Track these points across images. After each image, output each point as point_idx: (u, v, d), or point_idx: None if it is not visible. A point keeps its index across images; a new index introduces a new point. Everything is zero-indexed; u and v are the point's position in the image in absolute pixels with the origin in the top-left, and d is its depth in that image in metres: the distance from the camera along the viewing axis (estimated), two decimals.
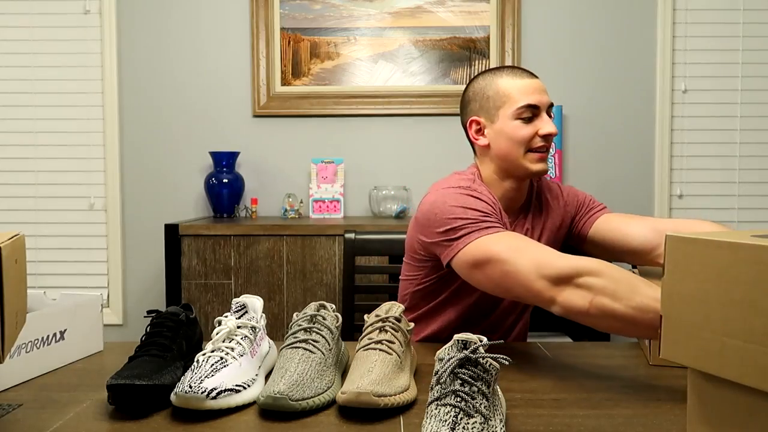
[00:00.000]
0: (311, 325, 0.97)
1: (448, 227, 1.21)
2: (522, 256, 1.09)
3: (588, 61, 2.69)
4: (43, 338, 1.07)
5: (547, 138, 1.30)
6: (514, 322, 1.43)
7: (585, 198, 1.47)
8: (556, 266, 1.05)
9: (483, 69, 2.67)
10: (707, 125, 2.69)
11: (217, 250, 2.25)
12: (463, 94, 1.40)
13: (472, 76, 1.39)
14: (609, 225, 1.40)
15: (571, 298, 1.03)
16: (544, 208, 1.42)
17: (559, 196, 1.45)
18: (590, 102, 2.70)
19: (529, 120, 1.29)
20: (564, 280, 1.04)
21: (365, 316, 1.03)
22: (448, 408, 0.73)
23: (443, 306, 1.38)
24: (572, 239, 1.47)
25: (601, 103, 2.70)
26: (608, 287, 1.00)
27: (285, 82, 2.69)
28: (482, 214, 1.20)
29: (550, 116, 1.32)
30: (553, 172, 2.59)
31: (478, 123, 1.35)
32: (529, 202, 1.41)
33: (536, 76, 1.34)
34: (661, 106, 2.67)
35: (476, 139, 1.36)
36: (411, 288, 1.39)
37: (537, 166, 1.30)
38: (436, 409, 0.74)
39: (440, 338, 1.37)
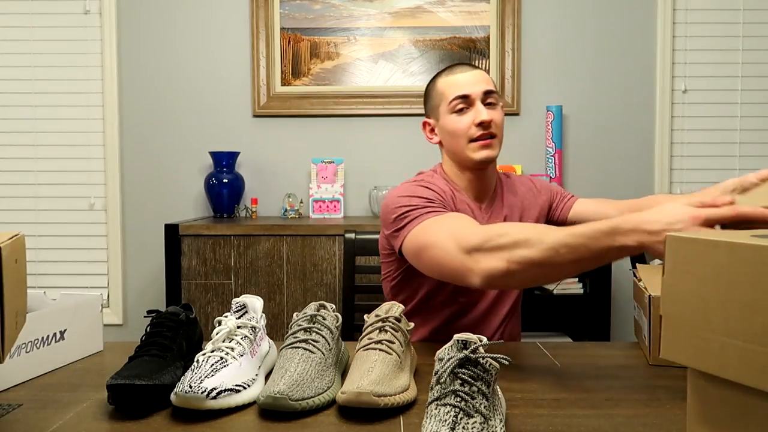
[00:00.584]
0: (311, 325, 0.97)
1: (396, 216, 1.27)
2: (444, 235, 1.13)
3: (588, 61, 2.69)
4: (43, 338, 1.07)
5: (483, 125, 1.32)
6: (499, 325, 1.43)
7: (558, 188, 1.54)
8: (469, 238, 1.07)
9: (484, 69, 2.67)
10: (707, 125, 2.69)
11: (217, 250, 2.25)
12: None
13: None
14: (585, 209, 1.47)
15: (489, 263, 1.04)
16: (519, 196, 1.46)
17: (533, 188, 1.50)
18: (590, 102, 2.70)
19: (463, 111, 1.34)
20: (477, 248, 1.06)
21: (365, 316, 1.03)
22: (448, 408, 0.73)
23: (420, 308, 1.39)
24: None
25: (601, 103, 2.70)
26: (519, 239, 1.01)
27: (285, 82, 2.70)
28: (425, 200, 1.26)
29: (491, 104, 1.35)
30: (553, 172, 2.59)
31: (429, 124, 1.44)
32: (501, 189, 1.45)
33: (476, 68, 1.38)
34: (661, 106, 2.67)
35: (430, 138, 1.44)
36: (389, 285, 1.43)
37: (480, 154, 1.33)
38: (436, 409, 0.74)
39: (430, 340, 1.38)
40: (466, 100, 1.34)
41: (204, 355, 0.92)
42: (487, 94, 1.35)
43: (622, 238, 0.92)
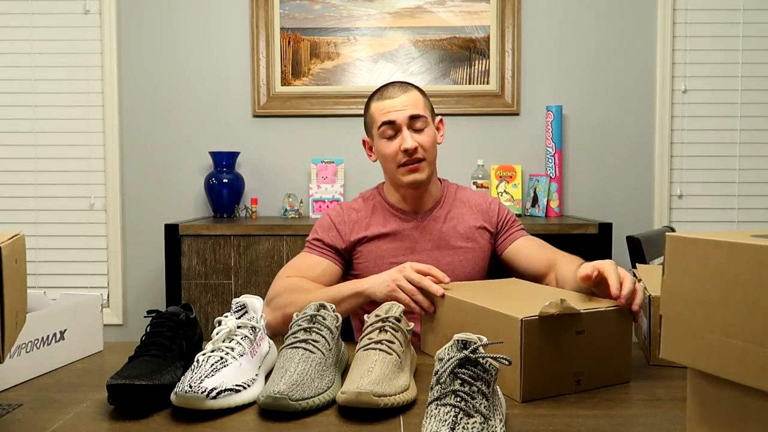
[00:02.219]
0: (311, 325, 0.97)
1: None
2: (277, 278, 1.42)
3: (588, 61, 2.69)
4: (43, 338, 1.07)
5: (408, 152, 1.39)
6: None
7: (507, 216, 1.54)
8: (275, 286, 1.37)
9: (484, 69, 2.67)
10: (707, 125, 2.69)
11: (217, 250, 2.25)
12: None
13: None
14: (518, 251, 1.49)
15: (270, 316, 1.32)
16: (466, 207, 1.52)
17: (482, 203, 1.54)
18: (590, 102, 2.70)
19: (392, 137, 1.41)
20: (267, 303, 1.35)
21: (365, 316, 1.03)
22: (448, 408, 0.73)
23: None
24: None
25: (601, 103, 2.70)
26: (291, 300, 1.29)
27: (285, 82, 2.69)
28: (316, 236, 1.47)
29: (419, 130, 1.40)
30: (553, 172, 2.59)
31: (367, 143, 1.52)
32: (444, 203, 1.51)
33: (409, 89, 1.42)
34: (661, 106, 2.67)
35: (369, 156, 1.53)
36: None
37: (408, 178, 1.42)
38: (436, 409, 0.74)
39: None
40: (393, 126, 1.40)
41: (204, 355, 0.92)
42: (414, 119, 1.40)
43: (358, 286, 1.26)
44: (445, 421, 0.72)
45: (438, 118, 1.52)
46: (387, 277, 1.22)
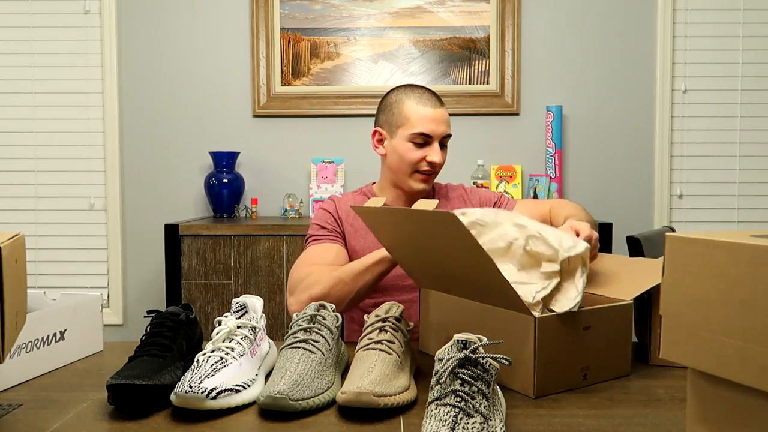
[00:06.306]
0: (311, 325, 0.97)
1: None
2: (294, 270, 1.39)
3: (588, 61, 2.69)
4: (43, 338, 1.07)
5: (433, 165, 1.44)
6: None
7: (490, 198, 1.57)
8: (293, 278, 1.35)
9: (484, 69, 2.67)
10: (707, 125, 2.69)
11: (217, 250, 2.25)
12: (381, 100, 1.51)
13: (392, 87, 1.52)
14: None
15: (298, 299, 1.30)
16: (450, 204, 1.54)
17: (463, 195, 1.57)
18: (590, 102, 2.69)
19: (420, 146, 1.43)
20: (291, 292, 1.34)
21: (365, 316, 1.03)
22: (448, 408, 0.73)
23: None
24: None
25: (601, 103, 2.70)
26: (315, 279, 1.30)
27: (285, 82, 2.69)
28: (318, 227, 1.47)
29: (443, 146, 1.45)
30: (553, 172, 2.59)
31: (380, 134, 1.50)
32: (433, 197, 1.52)
33: (443, 105, 1.45)
34: (661, 106, 2.67)
35: (376, 147, 1.51)
36: None
37: (419, 186, 1.45)
38: (436, 409, 0.74)
39: None
40: (427, 138, 1.42)
41: (204, 355, 0.92)
42: (446, 137, 1.45)
43: (380, 252, 1.28)
44: (445, 421, 0.72)
45: None
46: None
